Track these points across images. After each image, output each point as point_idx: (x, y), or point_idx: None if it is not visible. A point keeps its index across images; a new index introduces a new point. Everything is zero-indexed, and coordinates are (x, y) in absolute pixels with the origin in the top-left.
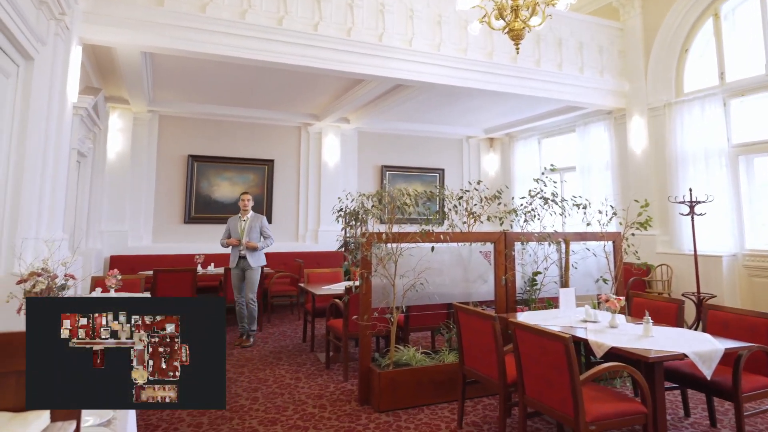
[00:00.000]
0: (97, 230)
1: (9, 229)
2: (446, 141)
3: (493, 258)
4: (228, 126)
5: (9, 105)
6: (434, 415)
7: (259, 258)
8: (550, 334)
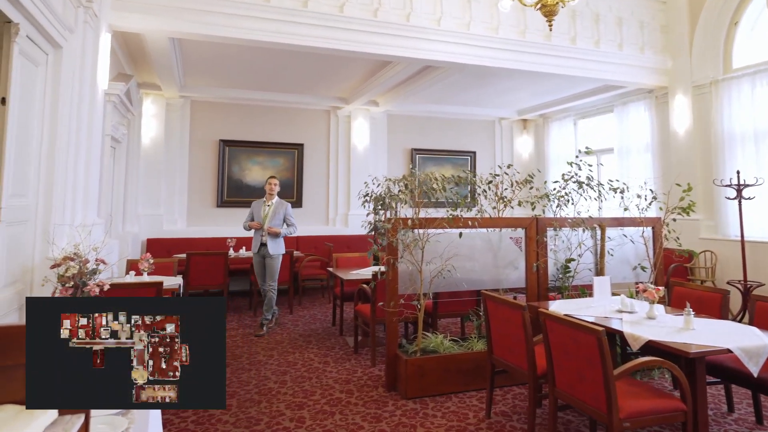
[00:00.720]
0: (134, 214)
1: (43, 214)
2: (478, 123)
3: (524, 244)
4: (258, 110)
5: (39, 93)
6: (462, 404)
7: (280, 246)
8: (582, 326)
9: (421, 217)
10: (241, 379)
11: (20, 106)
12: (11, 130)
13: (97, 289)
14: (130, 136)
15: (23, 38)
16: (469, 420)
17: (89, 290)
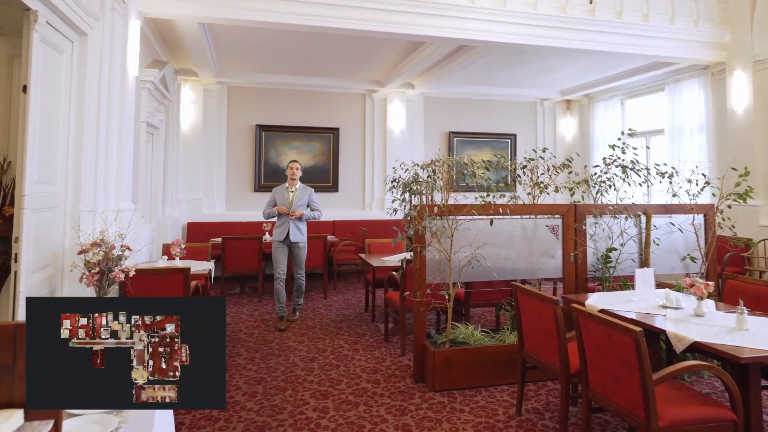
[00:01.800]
0: (175, 198)
1: (72, 201)
2: (518, 104)
3: (561, 232)
4: (293, 95)
5: (65, 80)
6: (492, 399)
7: (304, 233)
8: (618, 325)
9: (450, 203)
10: (270, 365)
11: (44, 93)
12: (33, 118)
13: (122, 275)
14: (169, 122)
15: (44, 26)
16: (498, 416)
17: (114, 276)
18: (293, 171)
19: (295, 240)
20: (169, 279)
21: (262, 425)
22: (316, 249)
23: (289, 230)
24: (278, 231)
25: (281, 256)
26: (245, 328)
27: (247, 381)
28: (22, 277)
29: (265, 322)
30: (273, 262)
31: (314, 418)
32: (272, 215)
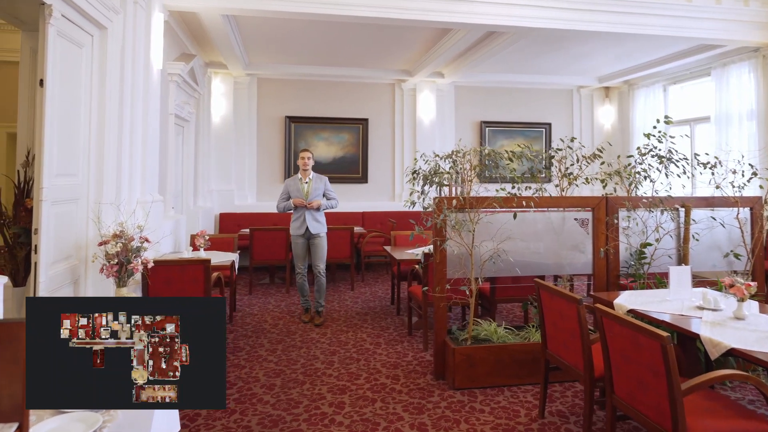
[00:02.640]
0: (207, 189)
1: (95, 193)
2: (553, 92)
3: (591, 226)
4: (322, 86)
5: (85, 74)
6: (515, 399)
7: (323, 224)
8: (644, 329)
9: (471, 196)
10: (291, 357)
11: (62, 87)
12: (51, 112)
13: (140, 266)
14: (199, 114)
15: (60, 20)
16: (520, 418)
17: (132, 267)
18: (305, 161)
19: (315, 232)
20: (190, 270)
21: (277, 419)
22: (342, 241)
23: (307, 222)
24: (296, 224)
25: (301, 250)
26: (270, 319)
27: (267, 373)
28: (41, 268)
29: (290, 313)
30: (294, 257)
31: (329, 414)
32: (287, 208)
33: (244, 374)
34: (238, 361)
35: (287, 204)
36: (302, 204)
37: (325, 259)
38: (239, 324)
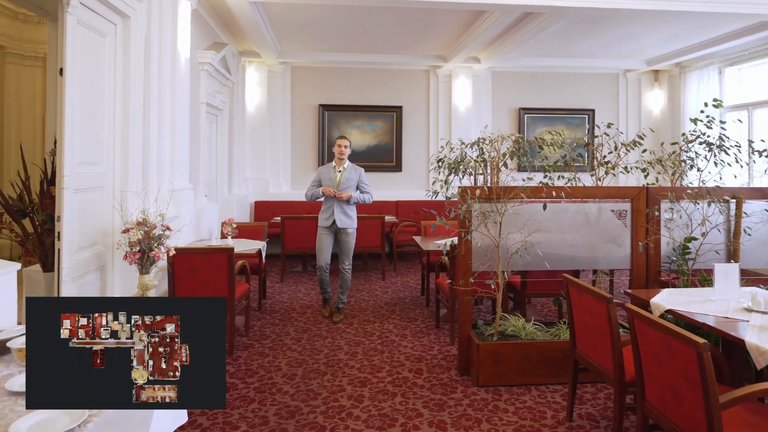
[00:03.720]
0: (242, 178)
1: (121, 181)
2: (597, 77)
3: (629, 219)
4: (355, 73)
5: (109, 63)
6: (542, 399)
7: (353, 218)
8: (678, 334)
9: (498, 185)
10: (315, 347)
11: (84, 76)
12: (71, 101)
13: (162, 254)
14: (233, 103)
15: (79, 8)
16: (546, 420)
17: (154, 255)
18: (341, 149)
19: (342, 226)
20: (214, 258)
21: (294, 410)
22: (373, 230)
23: (335, 215)
24: (323, 216)
25: (325, 244)
26: (299, 307)
27: (289, 362)
28: (64, 255)
29: (320, 302)
30: (317, 250)
31: (347, 407)
32: (316, 197)
33: (267, 363)
34: (262, 349)
35: (316, 192)
36: (331, 193)
37: (351, 256)
38: (268, 311)
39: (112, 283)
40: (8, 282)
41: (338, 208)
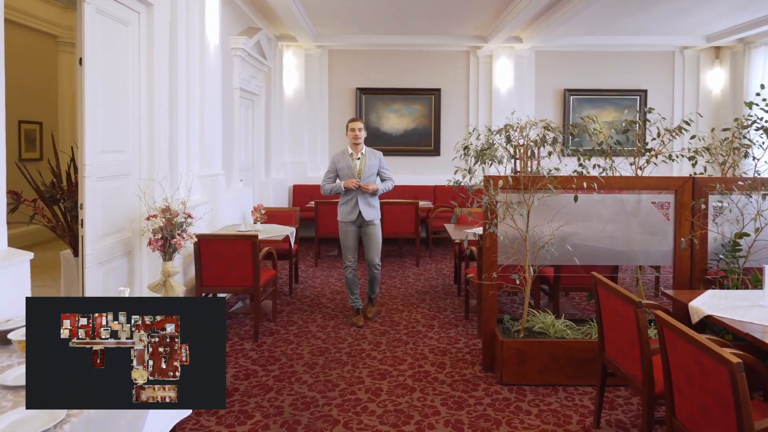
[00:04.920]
0: (280, 162)
1: (147, 168)
2: (650, 55)
3: (672, 211)
4: (393, 56)
5: (132, 51)
6: (569, 401)
7: (377, 209)
8: (710, 350)
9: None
10: (339, 335)
11: (107, 65)
12: (93, 90)
13: (183, 241)
14: (270, 87)
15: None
16: (571, 425)
17: (176, 243)
18: (356, 133)
19: (369, 218)
20: (238, 245)
21: (310, 402)
22: (407, 215)
23: (359, 207)
24: (345, 209)
25: (350, 240)
26: (329, 293)
27: (312, 351)
28: (87, 241)
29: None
30: (341, 246)
31: (363, 400)
32: (336, 191)
33: (290, 350)
34: (288, 335)
35: (336, 186)
36: (355, 185)
37: (380, 251)
38: (298, 296)
39: (140, 269)
40: (22, 271)
41: (362, 199)
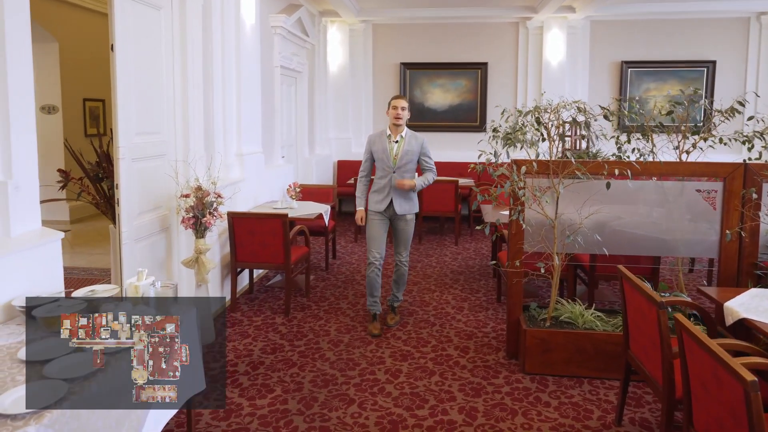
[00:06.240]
0: (325, 138)
1: (183, 149)
2: (720, 22)
3: (720, 201)
4: (437, 29)
5: (165, 35)
6: (593, 395)
7: (415, 202)
8: (726, 363)
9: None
10: (368, 313)
11: (139, 50)
12: (125, 75)
13: (212, 220)
14: (315, 64)
15: None
16: (590, 421)
17: (206, 221)
18: (398, 112)
19: (402, 212)
20: (269, 223)
21: (329, 379)
22: (447, 194)
23: (392, 198)
24: (376, 197)
25: (379, 233)
26: (364, 270)
27: (339, 328)
28: (123, 219)
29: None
30: (367, 239)
31: (381, 381)
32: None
33: (318, 326)
34: (318, 311)
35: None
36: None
37: (409, 246)
38: (334, 272)
39: (178, 244)
40: (53, 250)
41: (397, 189)
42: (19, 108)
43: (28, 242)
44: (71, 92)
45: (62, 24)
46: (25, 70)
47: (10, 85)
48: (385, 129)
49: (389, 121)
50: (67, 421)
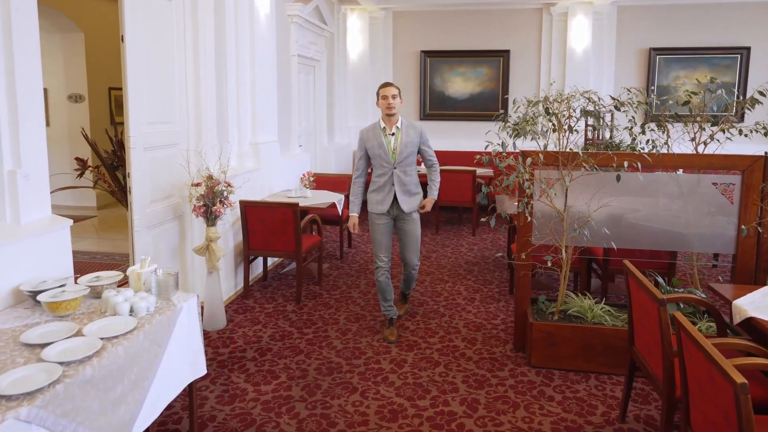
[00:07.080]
0: (344, 126)
1: (195, 138)
2: (755, 6)
3: (737, 194)
4: (458, 16)
5: (177, 26)
6: (599, 391)
7: (421, 196)
8: (718, 364)
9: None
10: (378, 302)
11: (150, 41)
12: (136, 66)
13: (223, 209)
14: (333, 52)
15: None
16: (594, 417)
17: (216, 210)
18: (389, 101)
19: (408, 209)
20: (280, 212)
21: (334, 368)
22: (465, 184)
23: (395, 195)
24: (376, 197)
25: (383, 236)
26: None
27: (348, 317)
28: (135, 207)
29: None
30: (372, 243)
31: (385, 371)
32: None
33: (327, 315)
34: (329, 300)
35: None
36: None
37: (419, 250)
38: (348, 261)
39: (191, 231)
40: (63, 237)
41: (399, 185)
42: (28, 98)
43: (38, 229)
44: (97, 81)
45: (87, 14)
46: (33, 59)
47: (17, 76)
48: (377, 122)
49: (381, 113)
50: (60, 403)
